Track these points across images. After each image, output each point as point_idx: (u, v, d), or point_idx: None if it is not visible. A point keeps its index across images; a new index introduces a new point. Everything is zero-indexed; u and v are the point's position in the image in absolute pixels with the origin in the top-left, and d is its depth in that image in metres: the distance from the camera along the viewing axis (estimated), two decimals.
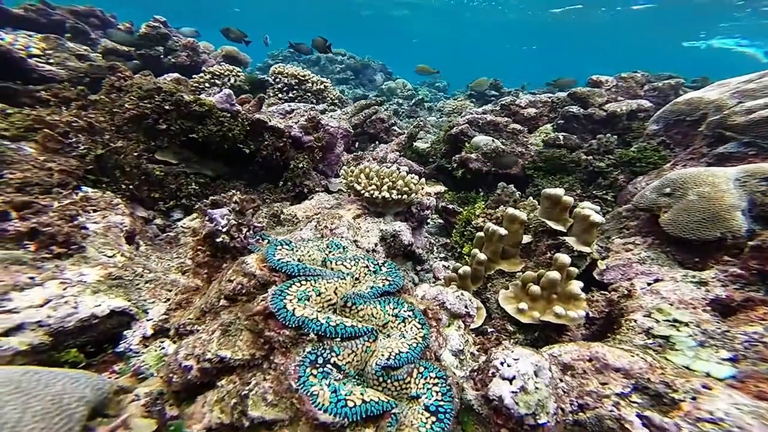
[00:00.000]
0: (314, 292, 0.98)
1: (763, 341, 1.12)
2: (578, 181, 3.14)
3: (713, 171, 1.71)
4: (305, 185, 3.20)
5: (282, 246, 1.14)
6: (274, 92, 5.34)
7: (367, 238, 2.31)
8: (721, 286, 1.34)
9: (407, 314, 0.98)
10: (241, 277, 1.08)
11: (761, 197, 1.57)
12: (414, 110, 8.32)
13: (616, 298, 1.47)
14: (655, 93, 3.61)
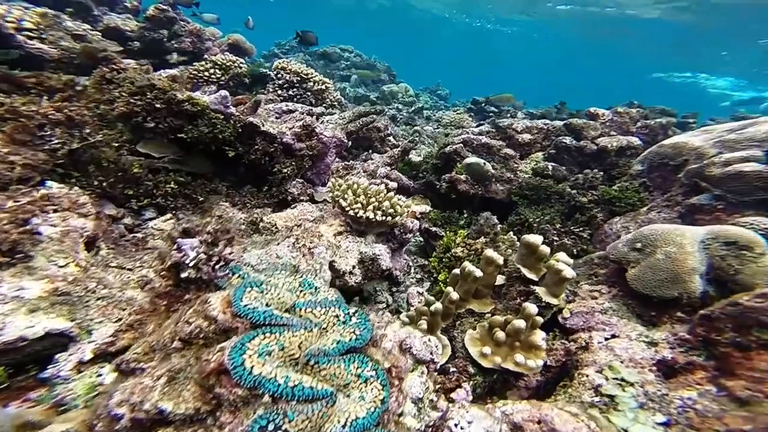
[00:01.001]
0: (277, 346, 0.99)
1: (695, 407, 1.20)
2: (559, 214, 3.20)
3: (682, 231, 1.77)
4: (290, 192, 3.19)
5: (252, 288, 1.14)
6: (273, 88, 5.26)
7: (345, 259, 2.32)
8: (668, 348, 1.41)
9: (370, 374, 1.01)
10: (201, 319, 1.07)
11: (719, 261, 1.66)
12: (412, 118, 8.31)
13: (574, 349, 1.54)
14: (646, 131, 3.70)
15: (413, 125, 7.86)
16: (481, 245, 2.54)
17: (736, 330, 1.28)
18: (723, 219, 2.23)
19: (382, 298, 2.73)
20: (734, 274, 1.61)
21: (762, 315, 1.24)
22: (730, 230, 1.73)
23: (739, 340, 1.26)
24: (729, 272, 1.62)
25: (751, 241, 1.66)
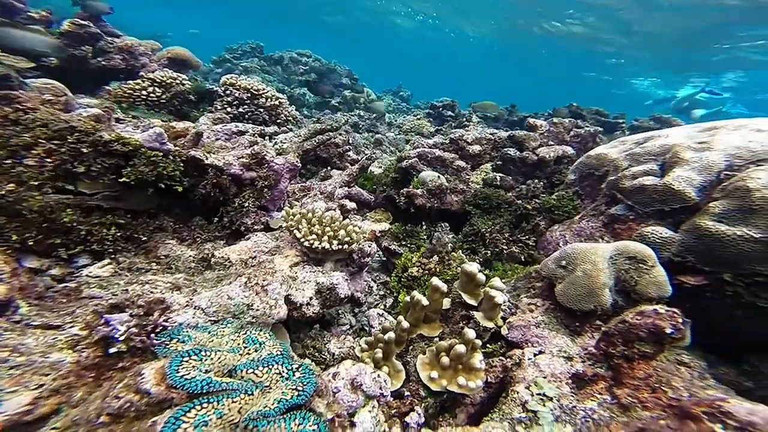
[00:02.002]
0: (215, 415, 1.02)
1: (593, 416, 1.36)
2: (508, 223, 3.41)
3: (596, 249, 1.98)
4: (243, 222, 3.14)
5: (189, 357, 1.17)
6: (222, 105, 5.13)
7: (302, 292, 2.35)
8: (581, 362, 1.58)
9: (312, 429, 1.07)
10: (132, 394, 1.07)
11: (624, 274, 1.87)
12: (374, 125, 8.40)
13: (510, 365, 1.69)
14: (578, 139, 4.02)
15: (375, 132, 7.96)
16: (434, 265, 2.67)
17: (624, 344, 1.47)
18: (634, 228, 2.47)
19: (345, 320, 2.79)
20: (635, 285, 1.83)
21: (640, 330, 1.43)
22: (630, 246, 1.95)
23: (626, 353, 1.45)
24: (631, 283, 1.84)
25: (645, 255, 1.89)
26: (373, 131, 8.17)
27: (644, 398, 1.38)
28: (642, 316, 1.47)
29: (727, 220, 2.06)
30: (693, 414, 1.13)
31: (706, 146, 2.53)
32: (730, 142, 2.46)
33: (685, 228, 2.23)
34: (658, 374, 1.43)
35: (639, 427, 1.29)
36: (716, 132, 2.65)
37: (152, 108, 4.75)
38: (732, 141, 2.47)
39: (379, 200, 4.16)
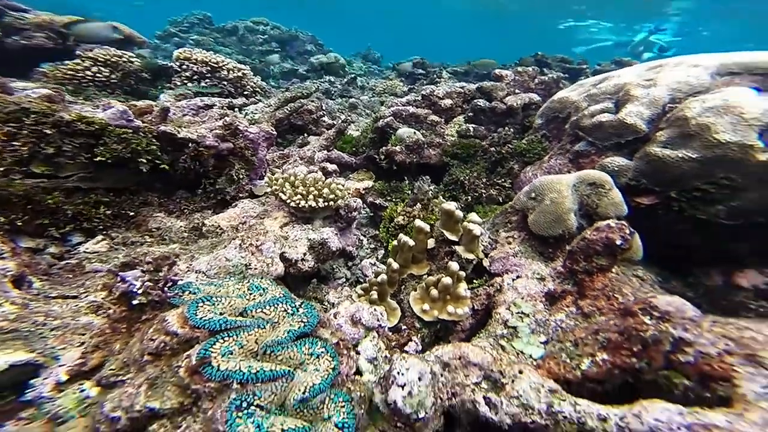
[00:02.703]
0: (237, 345, 1.16)
1: (562, 326, 1.58)
2: (484, 170, 3.57)
3: (560, 179, 2.16)
4: (227, 192, 3.18)
5: (203, 303, 1.28)
6: (182, 81, 4.90)
7: (295, 249, 2.46)
8: (551, 281, 1.79)
9: (320, 351, 1.22)
10: (163, 335, 1.20)
11: (586, 199, 2.08)
12: (346, 89, 8.20)
13: (492, 292, 1.89)
14: (543, 86, 4.13)
15: (349, 97, 7.79)
16: (417, 212, 2.82)
17: (585, 259, 1.67)
18: (596, 161, 2.66)
19: (341, 273, 2.94)
20: (596, 207, 2.04)
21: (597, 245, 1.64)
22: (589, 174, 2.15)
23: (587, 267, 1.66)
24: (593, 206, 2.05)
25: (604, 180, 2.10)
26: (346, 96, 7.99)
27: (601, 306, 1.60)
28: (597, 232, 1.66)
29: (671, 146, 2.26)
30: (632, 311, 1.35)
31: (652, 83, 2.70)
32: (672, 78, 2.63)
33: (638, 156, 2.43)
34: (613, 284, 1.64)
35: (595, 329, 1.51)
36: (661, 69, 2.82)
37: (104, 89, 4.48)
38: (673, 77, 2.64)
39: (360, 162, 4.22)
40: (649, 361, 1.20)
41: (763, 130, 2.01)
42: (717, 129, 2.08)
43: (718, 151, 2.06)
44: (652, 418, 1.00)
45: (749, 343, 1.13)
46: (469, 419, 1.27)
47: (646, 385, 1.24)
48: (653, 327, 1.21)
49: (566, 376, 1.31)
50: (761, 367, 1.07)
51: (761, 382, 1.04)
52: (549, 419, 1.11)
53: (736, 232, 2.08)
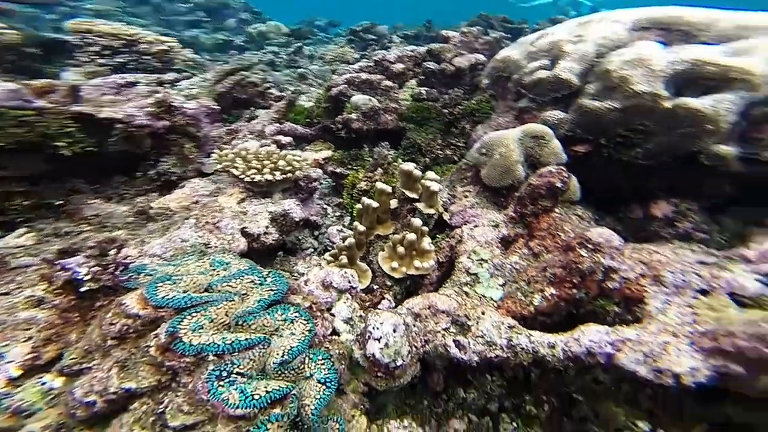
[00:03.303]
0: (206, 320, 1.14)
1: (516, 267, 1.72)
2: (439, 131, 3.64)
3: (506, 134, 2.28)
4: (172, 173, 2.98)
5: (163, 282, 1.23)
6: (89, 57, 4.28)
7: (255, 223, 2.40)
8: (505, 227, 1.93)
9: (294, 315, 1.24)
10: (124, 319, 1.15)
11: (530, 150, 2.23)
12: (293, 60, 7.69)
13: (454, 243, 1.99)
14: (487, 46, 4.16)
15: (296, 67, 7.35)
16: (378, 176, 2.84)
17: (532, 203, 1.82)
18: (538, 116, 2.79)
19: (307, 243, 2.90)
20: (539, 158, 2.20)
21: (541, 189, 1.79)
22: (531, 127, 2.30)
23: (534, 210, 1.81)
24: (536, 157, 2.21)
25: (544, 132, 2.26)
26: (294, 66, 7.52)
27: (547, 244, 1.76)
28: (540, 177, 1.81)
29: (598, 98, 2.44)
30: (571, 245, 1.52)
31: (581, 39, 2.83)
32: (597, 34, 2.78)
33: (573, 108, 2.60)
34: (556, 223, 1.81)
35: (544, 266, 1.67)
36: (588, 25, 2.96)
37: None
38: (598, 32, 2.79)
39: (316, 132, 4.09)
40: (586, 291, 1.37)
41: (668, 80, 2.24)
42: (633, 81, 2.27)
43: (634, 101, 2.27)
44: (588, 340, 1.18)
45: (656, 265, 1.34)
46: (442, 363, 1.38)
47: (586, 315, 1.42)
48: (588, 258, 1.37)
49: (522, 313, 1.46)
50: (662, 285, 1.27)
51: (661, 298, 1.24)
52: (509, 352, 1.25)
53: (650, 171, 2.34)
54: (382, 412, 1.41)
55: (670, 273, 1.29)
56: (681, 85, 2.27)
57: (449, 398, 1.46)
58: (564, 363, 1.19)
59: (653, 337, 1.11)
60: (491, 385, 1.37)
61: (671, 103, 2.18)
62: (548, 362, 1.21)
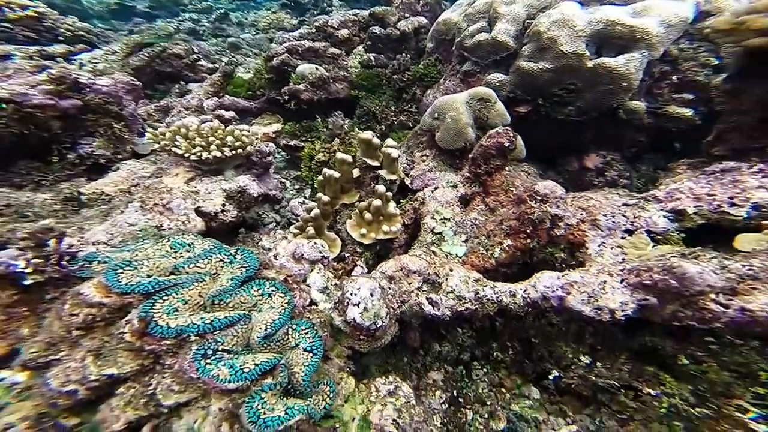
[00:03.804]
0: (179, 302, 1.10)
1: (476, 223, 1.83)
2: (391, 98, 3.62)
3: (455, 98, 2.35)
4: (99, 155, 2.68)
5: (123, 269, 1.15)
6: None
7: (211, 202, 2.27)
8: (462, 186, 2.03)
9: (271, 290, 1.24)
10: (86, 308, 1.07)
11: (477, 113, 2.33)
12: (219, 28, 6.92)
13: (417, 206, 2.06)
14: (427, 8, 4.10)
15: (225, 36, 6.65)
16: (337, 147, 2.79)
17: (484, 162, 1.92)
18: (481, 79, 2.85)
19: (269, 218, 2.83)
20: (486, 119, 2.31)
21: (491, 149, 1.89)
22: (477, 90, 2.38)
23: (487, 169, 1.92)
24: (484, 119, 2.32)
25: (489, 95, 2.35)
26: (222, 35, 6.79)
27: (501, 199, 1.89)
28: (490, 138, 1.91)
29: (533, 59, 2.54)
30: (522, 198, 1.66)
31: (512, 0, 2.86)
32: None
33: (512, 70, 2.69)
34: (507, 179, 1.93)
35: (500, 220, 1.80)
36: None
37: None
38: None
39: (261, 105, 3.85)
40: (538, 239, 1.53)
41: (589, 40, 2.38)
42: (561, 41, 2.38)
43: (563, 61, 2.40)
44: (542, 286, 1.33)
45: (592, 210, 1.53)
46: (418, 320, 1.48)
47: (538, 263, 1.59)
48: (537, 209, 1.53)
49: (485, 266, 1.59)
50: (598, 228, 1.46)
51: (598, 241, 1.44)
52: (477, 304, 1.37)
53: (582, 127, 2.56)
54: (366, 373, 1.50)
55: (603, 216, 1.48)
56: (599, 44, 2.43)
57: (426, 353, 1.60)
58: (524, 309, 1.33)
59: (594, 278, 1.28)
60: (462, 337, 1.52)
61: (593, 63, 2.35)
62: (511, 310, 1.35)
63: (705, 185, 1.41)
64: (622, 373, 1.21)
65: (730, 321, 1.05)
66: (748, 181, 1.35)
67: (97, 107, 2.70)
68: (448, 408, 1.41)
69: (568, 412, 1.27)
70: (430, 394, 1.44)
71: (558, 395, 1.34)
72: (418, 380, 1.54)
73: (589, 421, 1.24)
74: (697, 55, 2.46)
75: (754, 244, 1.18)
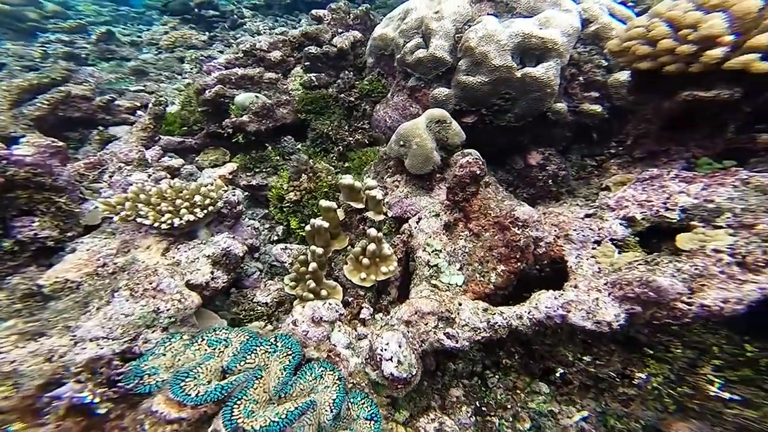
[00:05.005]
0: (252, 403, 1.18)
1: (465, 250, 1.99)
2: (342, 117, 3.67)
3: (417, 123, 2.48)
4: (45, 237, 2.43)
5: (184, 380, 1.19)
6: None
7: (198, 271, 2.21)
8: (444, 214, 2.17)
9: (320, 371, 1.36)
10: (168, 425, 1.13)
11: (437, 134, 2.49)
12: (108, 50, 6.04)
13: (405, 238, 2.21)
14: (358, 21, 4.11)
15: (119, 59, 5.86)
16: (306, 183, 2.82)
17: (462, 190, 2.10)
18: (427, 93, 3.02)
19: (252, 269, 2.76)
20: (446, 139, 2.49)
21: (466, 178, 2.05)
22: (433, 113, 2.54)
23: (464, 196, 2.10)
24: (444, 139, 2.49)
25: (444, 116, 2.51)
26: (114, 58, 5.93)
27: (482, 223, 2.08)
28: (462, 168, 2.10)
29: (470, 73, 2.78)
30: (505, 225, 1.91)
31: (440, 15, 3.03)
32: (450, 9, 2.99)
33: (454, 84, 2.91)
34: (483, 203, 2.13)
35: (489, 246, 1.98)
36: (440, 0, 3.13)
37: None
38: (450, 8, 2.99)
39: (201, 140, 3.63)
40: (526, 261, 1.82)
41: (513, 52, 2.67)
42: (491, 56, 2.64)
43: (497, 74, 2.67)
44: (544, 306, 1.57)
45: (563, 226, 1.86)
46: (433, 351, 1.65)
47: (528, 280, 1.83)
48: (522, 236, 1.82)
49: (485, 292, 1.83)
50: (572, 242, 1.80)
51: (574, 253, 1.77)
52: (491, 331, 1.58)
53: (521, 130, 2.91)
54: (394, 406, 1.63)
55: (574, 231, 1.81)
56: (521, 55, 2.75)
57: (444, 373, 1.80)
58: (531, 329, 1.57)
59: (587, 296, 1.55)
60: (472, 352, 1.77)
61: (521, 73, 2.65)
62: (521, 331, 1.58)
63: (642, 192, 1.78)
64: (615, 365, 1.57)
65: (695, 316, 1.40)
66: (671, 186, 1.73)
67: (25, 182, 2.41)
68: (476, 419, 1.65)
69: (577, 401, 1.61)
70: (457, 411, 1.66)
71: (565, 386, 1.66)
72: (442, 400, 1.73)
73: (595, 404, 1.59)
74: (592, 57, 2.90)
75: (690, 243, 1.53)
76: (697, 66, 1.72)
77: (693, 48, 1.71)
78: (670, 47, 1.79)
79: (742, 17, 1.60)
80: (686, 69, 1.77)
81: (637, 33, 2.03)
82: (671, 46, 1.79)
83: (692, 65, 1.74)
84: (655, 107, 2.13)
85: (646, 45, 1.95)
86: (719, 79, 1.74)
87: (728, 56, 1.63)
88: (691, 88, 1.84)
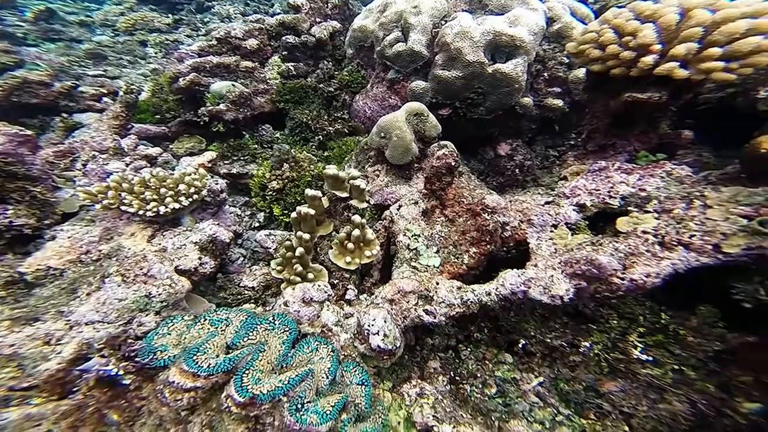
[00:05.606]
0: (259, 372, 1.34)
1: (441, 234, 2.11)
2: (322, 107, 3.72)
3: (396, 117, 2.62)
4: (21, 225, 2.40)
5: (195, 354, 1.32)
6: None
7: (186, 257, 2.27)
8: (423, 202, 2.35)
9: (316, 345, 1.53)
10: (185, 394, 1.28)
11: (416, 126, 2.66)
12: (51, 29, 5.59)
13: (387, 224, 2.37)
14: (337, 11, 4.12)
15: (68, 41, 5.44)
16: (289, 173, 2.91)
17: (438, 180, 2.29)
18: (406, 86, 3.15)
19: (236, 254, 2.83)
20: (424, 132, 2.66)
21: (442, 169, 2.23)
22: (412, 106, 2.69)
23: (440, 185, 2.28)
24: (421, 131, 2.66)
25: (422, 109, 2.63)
26: (61, 39, 5.49)
27: (456, 210, 2.26)
28: (439, 160, 2.29)
29: (446, 68, 2.93)
30: (475, 211, 2.12)
31: (418, 9, 3.15)
32: (428, 4, 3.10)
33: (431, 77, 3.06)
34: (457, 191, 2.32)
35: (462, 230, 2.20)
36: None
37: None
38: (428, 3, 3.10)
39: (176, 128, 3.57)
40: (495, 244, 2.05)
41: (485, 49, 2.85)
42: (465, 52, 2.81)
43: (470, 69, 2.85)
44: (509, 283, 1.77)
45: (526, 212, 2.10)
46: (413, 327, 1.83)
47: (496, 261, 2.05)
48: (491, 221, 2.04)
49: (458, 272, 2.03)
50: (533, 226, 2.04)
51: (535, 236, 2.01)
52: (464, 307, 1.77)
53: (492, 122, 3.12)
54: (379, 377, 1.82)
55: (535, 216, 2.05)
56: (492, 51, 2.94)
57: (422, 347, 2.00)
58: (499, 303, 1.78)
59: (544, 273, 1.77)
60: (447, 327, 1.98)
61: (492, 69, 2.84)
62: (490, 307, 1.79)
63: (592, 182, 2.04)
64: (567, 336, 1.84)
65: (626, 289, 1.65)
66: (615, 176, 2.00)
67: None
68: (451, 387, 1.87)
69: (535, 368, 1.88)
70: (435, 380, 1.88)
71: (526, 357, 1.93)
72: (421, 372, 1.93)
73: (549, 371, 1.86)
74: (555, 54, 3.13)
75: (627, 226, 1.79)
76: (635, 70, 1.98)
77: (633, 54, 1.97)
78: (616, 52, 2.04)
79: (666, 28, 1.87)
80: (628, 72, 2.03)
81: (590, 38, 2.26)
82: (616, 51, 2.04)
83: (632, 69, 2.00)
84: (605, 105, 2.40)
85: (597, 49, 2.19)
86: (652, 82, 2.02)
87: (657, 63, 1.89)
88: (631, 90, 2.11)
